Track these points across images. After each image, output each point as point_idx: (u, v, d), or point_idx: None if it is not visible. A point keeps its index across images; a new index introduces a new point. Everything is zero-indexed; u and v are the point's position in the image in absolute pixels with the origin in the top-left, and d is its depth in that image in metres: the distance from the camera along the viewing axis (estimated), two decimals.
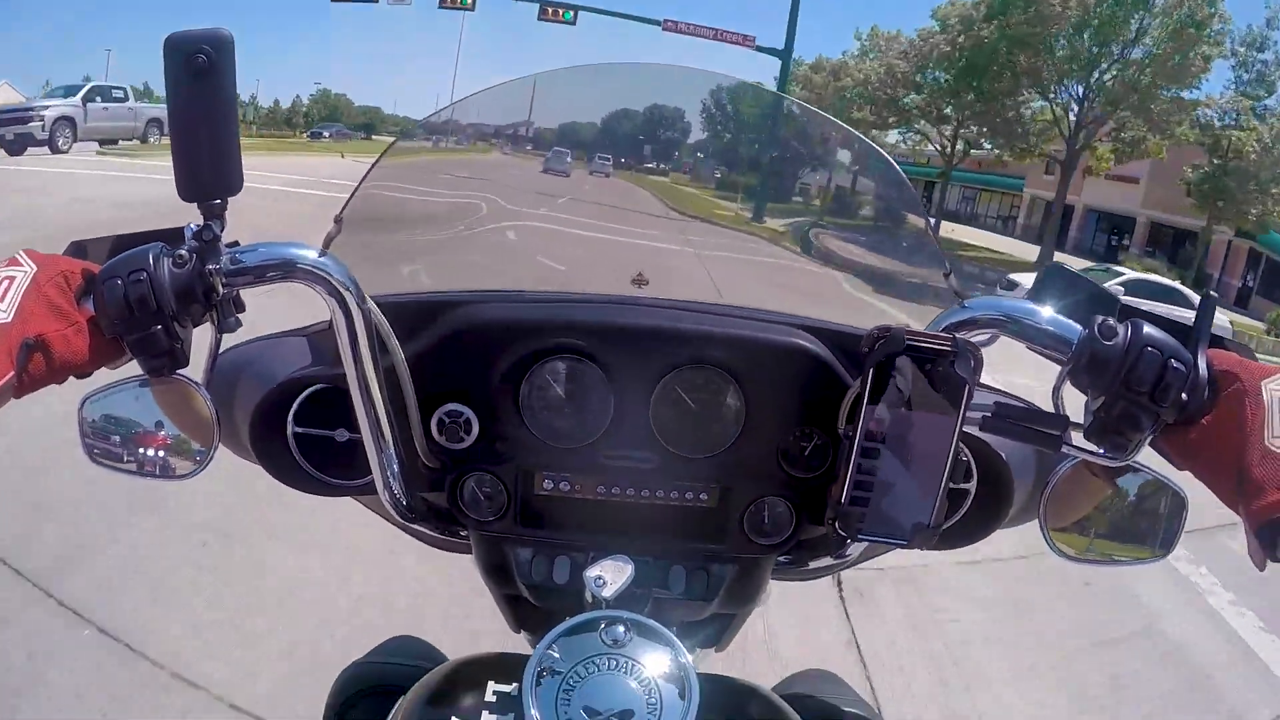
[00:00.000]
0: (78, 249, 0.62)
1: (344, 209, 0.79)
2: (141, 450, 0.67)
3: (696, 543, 0.75)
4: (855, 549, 0.76)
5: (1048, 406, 0.63)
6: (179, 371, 0.59)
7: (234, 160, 0.56)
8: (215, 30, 0.54)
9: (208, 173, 0.55)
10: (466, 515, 0.74)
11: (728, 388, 0.72)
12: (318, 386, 0.73)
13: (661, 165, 1.12)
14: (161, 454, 0.67)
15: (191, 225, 0.58)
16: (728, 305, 0.79)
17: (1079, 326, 0.60)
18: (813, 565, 0.81)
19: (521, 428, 0.72)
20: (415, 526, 0.77)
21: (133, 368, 0.61)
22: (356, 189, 0.79)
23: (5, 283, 0.54)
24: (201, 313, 0.58)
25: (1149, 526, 0.73)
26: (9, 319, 0.53)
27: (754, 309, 0.78)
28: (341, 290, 0.61)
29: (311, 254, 0.60)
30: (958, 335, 0.59)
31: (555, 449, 0.73)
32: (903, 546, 0.61)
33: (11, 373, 0.52)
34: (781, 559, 0.80)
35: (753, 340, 0.72)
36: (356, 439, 0.70)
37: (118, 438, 0.68)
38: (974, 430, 0.61)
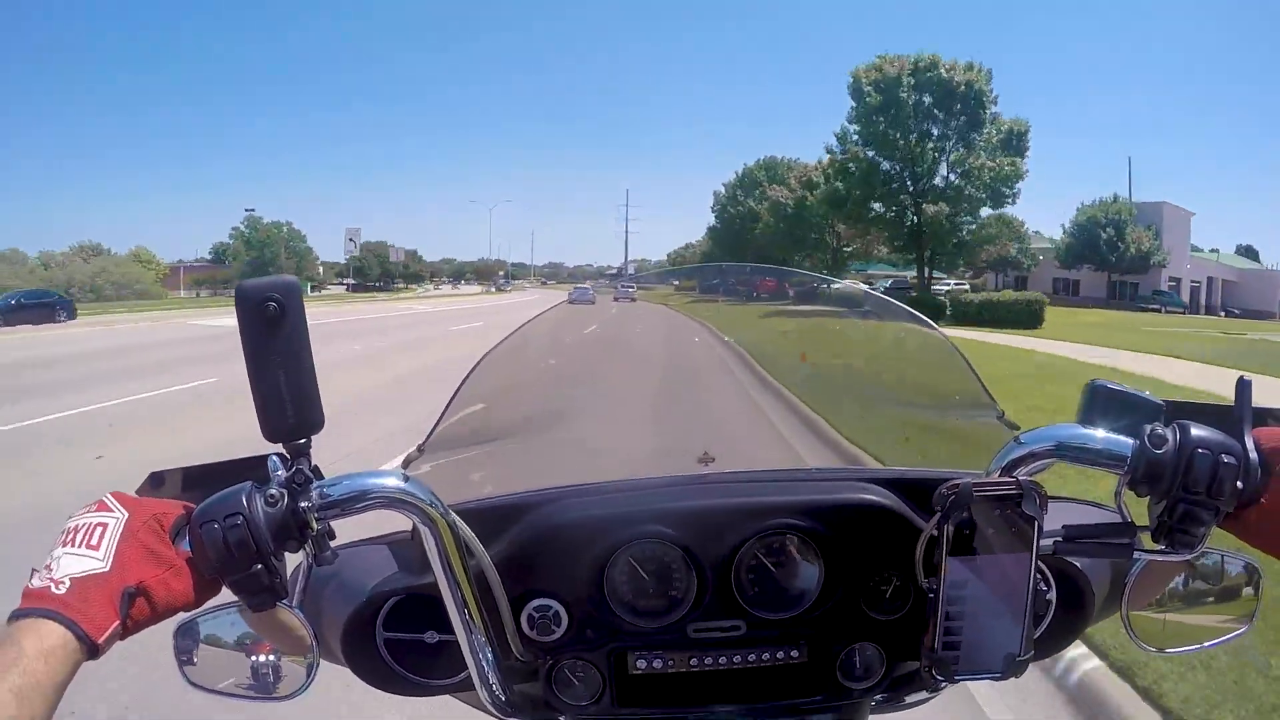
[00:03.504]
0: (156, 480, 0.64)
1: (428, 438, 0.82)
2: (241, 672, 0.68)
3: (794, 699, 0.76)
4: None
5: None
6: None
7: (313, 400, 0.58)
8: (283, 278, 0.57)
9: (291, 414, 0.58)
10: (563, 702, 0.75)
11: (806, 548, 0.74)
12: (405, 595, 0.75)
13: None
14: (261, 675, 0.68)
15: (273, 458, 0.60)
16: (794, 470, 0.81)
17: (1129, 440, 0.62)
18: (909, 700, 0.81)
19: (610, 613, 0.73)
20: (514, 719, 0.77)
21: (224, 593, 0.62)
22: (439, 421, 0.83)
23: (99, 530, 0.55)
24: (297, 547, 0.59)
25: (1228, 601, 0.74)
26: (107, 568, 0.54)
27: (822, 468, 0.80)
28: (428, 511, 0.63)
29: (395, 481, 0.62)
30: (1020, 474, 0.61)
31: (644, 629, 0.74)
32: (997, 679, 0.62)
33: (117, 622, 0.53)
34: (879, 697, 0.80)
35: (825, 503, 0.74)
36: (446, 639, 0.71)
37: (215, 662, 0.68)
38: (1048, 555, 0.62)
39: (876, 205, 32.01)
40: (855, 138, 31.77)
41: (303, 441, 0.59)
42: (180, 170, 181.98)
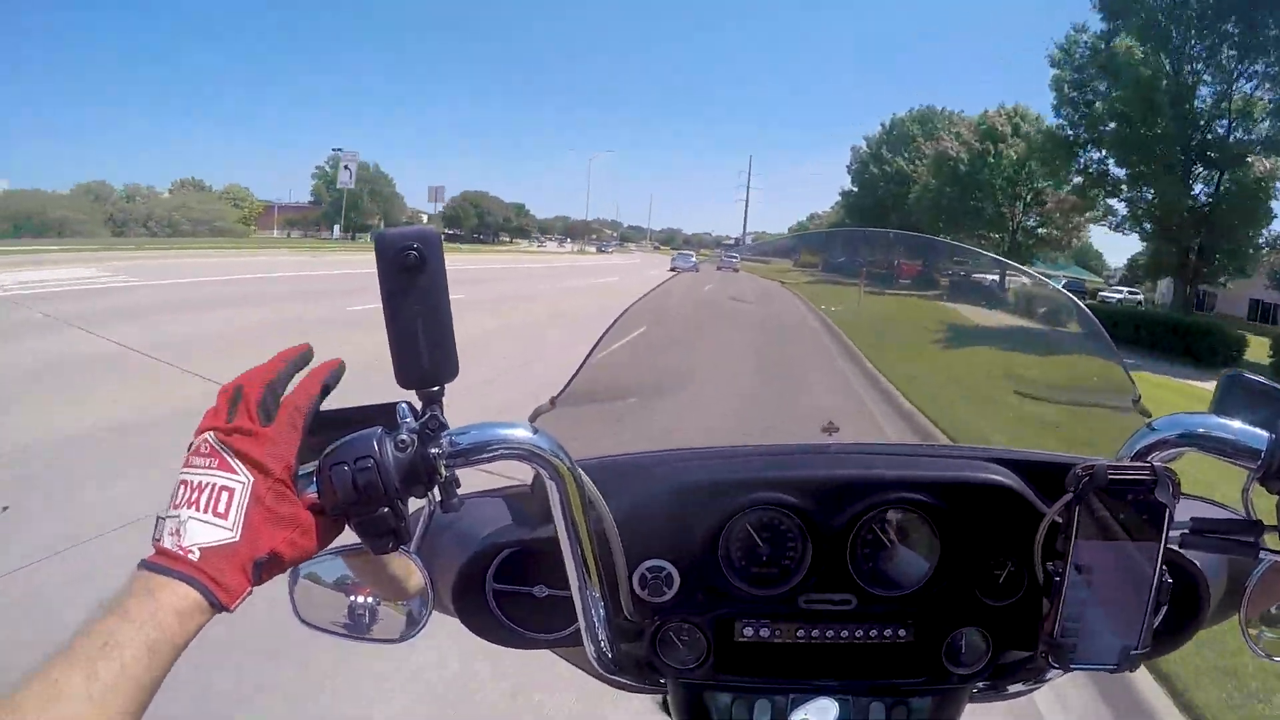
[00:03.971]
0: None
1: (562, 392, 0.82)
2: (354, 614, 0.71)
3: (896, 678, 0.75)
4: (1056, 672, 0.74)
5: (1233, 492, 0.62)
6: None
7: (449, 349, 0.58)
8: (424, 229, 0.57)
9: (426, 362, 0.57)
10: (666, 664, 0.76)
11: (924, 527, 0.73)
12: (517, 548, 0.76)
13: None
14: (374, 617, 0.71)
15: (404, 405, 0.60)
16: (919, 444, 0.79)
17: (1265, 433, 0.59)
18: (1010, 689, 0.80)
19: (722, 579, 0.73)
20: (615, 677, 0.78)
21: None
22: (574, 376, 0.83)
23: (224, 495, 0.54)
24: (424, 493, 0.60)
25: None
26: (238, 538, 0.53)
27: (946, 445, 0.78)
28: (555, 463, 0.64)
29: (525, 433, 0.63)
30: (1153, 461, 0.59)
31: (754, 597, 0.74)
32: (1112, 671, 0.61)
33: (249, 588, 0.55)
34: (979, 685, 0.79)
35: (947, 480, 0.72)
36: (555, 594, 0.73)
37: (330, 602, 0.71)
38: (1174, 548, 0.60)
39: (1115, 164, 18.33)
40: (1097, 45, 18.17)
41: (436, 389, 0.59)
42: (292, 114, 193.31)
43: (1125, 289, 37.63)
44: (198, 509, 0.54)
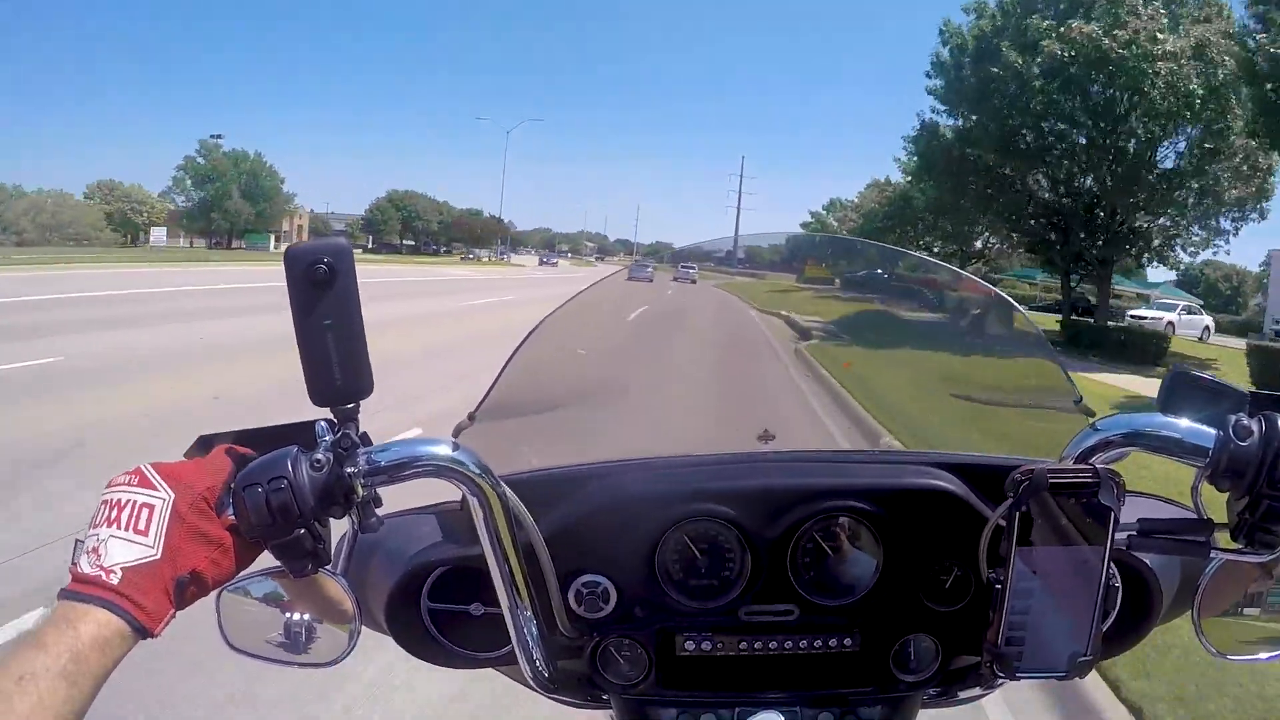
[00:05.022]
0: (204, 444, 0.63)
1: (480, 406, 0.80)
2: (282, 638, 0.68)
3: (844, 688, 0.74)
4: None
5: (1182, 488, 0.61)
6: None
7: (363, 364, 0.57)
8: (334, 241, 0.56)
9: (339, 378, 0.56)
10: (607, 680, 0.74)
11: (865, 534, 0.72)
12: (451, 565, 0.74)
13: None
14: (302, 641, 0.68)
15: (322, 423, 0.59)
16: (857, 451, 0.79)
17: (1212, 430, 0.58)
18: (962, 695, 0.78)
19: (660, 592, 0.72)
20: (555, 696, 0.76)
21: (268, 557, 0.61)
22: (490, 389, 0.81)
23: (145, 512, 0.53)
24: (342, 513, 0.58)
25: None
26: (159, 555, 0.52)
27: (885, 451, 0.77)
28: (477, 481, 0.62)
29: (445, 449, 0.61)
30: (1096, 462, 0.58)
31: (695, 610, 0.72)
32: (1061, 679, 0.59)
33: (172, 610, 0.53)
34: (930, 692, 0.78)
35: (888, 486, 0.72)
36: (492, 612, 0.71)
37: (258, 628, 0.68)
38: (1121, 549, 0.59)
39: None
40: None
41: (350, 406, 0.58)
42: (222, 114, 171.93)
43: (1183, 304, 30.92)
44: (118, 526, 0.53)
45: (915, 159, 24.81)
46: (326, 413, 0.59)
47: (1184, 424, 0.60)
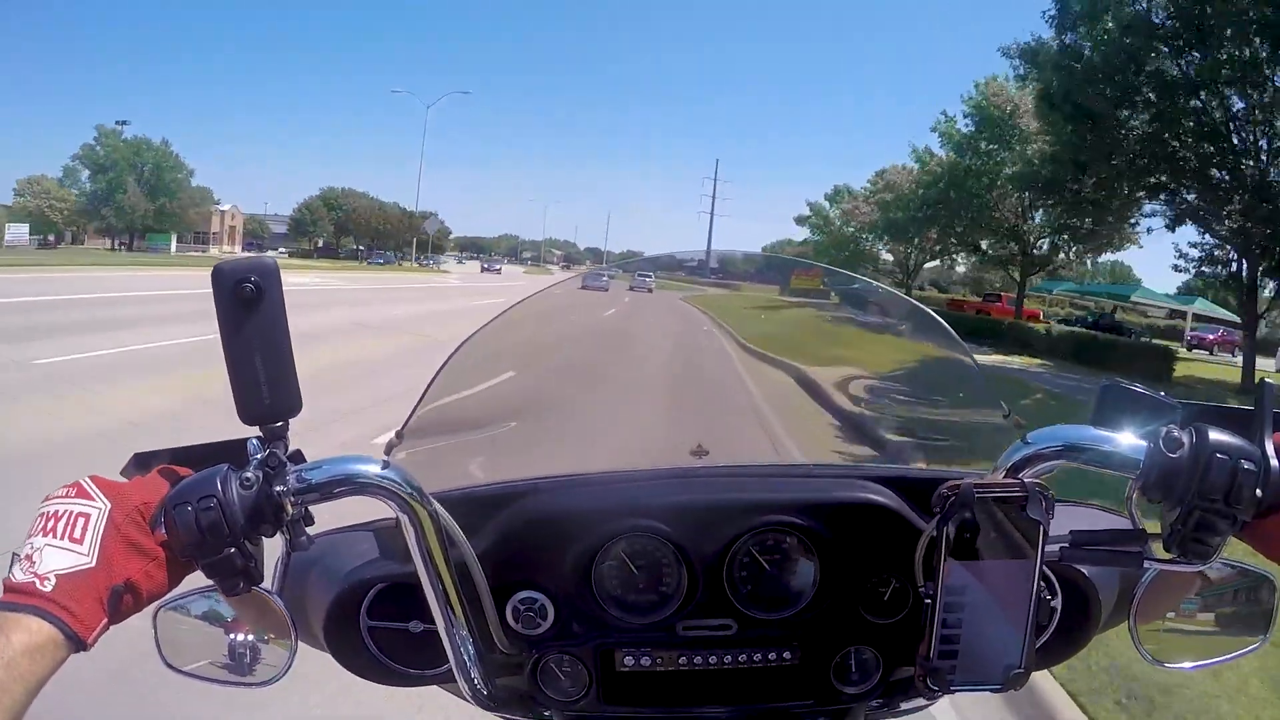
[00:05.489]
0: (140, 461, 0.63)
1: (406, 424, 0.80)
2: (220, 657, 0.68)
3: (786, 702, 0.74)
4: None
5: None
6: None
7: (291, 382, 0.57)
8: (260, 259, 0.56)
9: (267, 397, 0.57)
10: (548, 697, 0.74)
11: (801, 547, 0.72)
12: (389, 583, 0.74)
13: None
14: (240, 659, 0.67)
15: (253, 441, 0.59)
16: (790, 465, 0.79)
17: (1143, 443, 0.59)
18: (905, 706, 0.79)
19: (597, 608, 0.72)
20: (497, 713, 0.76)
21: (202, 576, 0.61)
22: (417, 406, 0.81)
23: (81, 521, 0.54)
24: (272, 532, 0.58)
25: (1241, 614, 0.72)
26: (93, 563, 0.53)
27: (817, 464, 0.78)
28: (408, 499, 0.62)
29: (375, 468, 0.61)
30: (1024, 476, 0.58)
31: (633, 625, 0.72)
32: (996, 691, 0.60)
33: (105, 619, 0.53)
34: (874, 703, 0.78)
35: (822, 500, 0.72)
36: (431, 629, 0.70)
37: (195, 646, 0.68)
38: (1054, 560, 0.60)
39: None
40: None
41: (279, 425, 0.58)
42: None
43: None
44: (53, 536, 0.53)
45: (1031, 83, 17.19)
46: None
47: (1115, 436, 0.60)
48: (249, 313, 0.55)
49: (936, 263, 41.88)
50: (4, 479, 3.86)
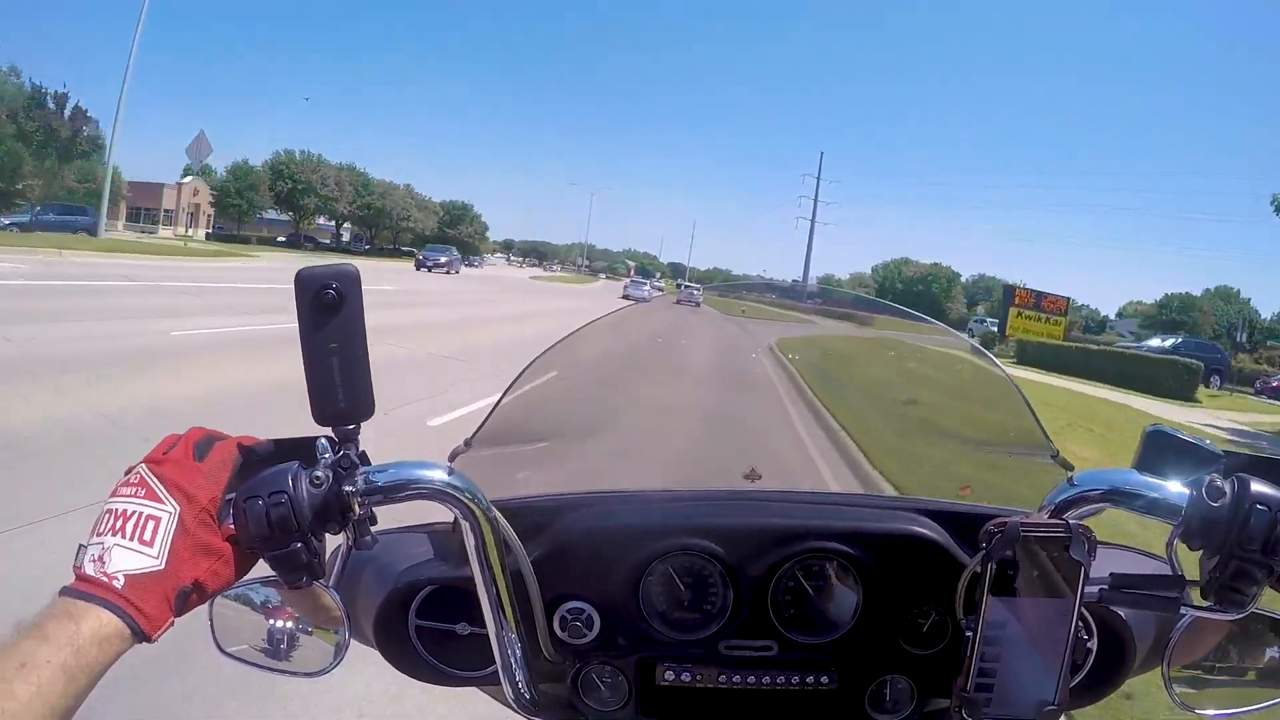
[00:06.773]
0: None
1: (476, 433, 0.82)
2: (273, 646, 0.70)
3: None
4: None
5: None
6: None
7: (365, 386, 0.59)
8: (343, 266, 0.59)
9: (342, 399, 0.59)
10: (588, 705, 0.75)
11: (845, 575, 0.74)
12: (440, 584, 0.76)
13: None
14: (292, 649, 0.70)
15: (323, 440, 0.61)
16: (841, 494, 0.81)
17: (1186, 490, 0.60)
18: None
19: (643, 622, 0.74)
20: (537, 718, 0.77)
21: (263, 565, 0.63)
22: (491, 413, 0.83)
23: (151, 525, 0.55)
24: (338, 530, 0.60)
25: (1274, 664, 0.71)
26: (163, 566, 0.54)
27: (869, 495, 0.79)
28: (470, 505, 0.64)
29: (440, 474, 0.63)
30: (1069, 517, 0.60)
31: (676, 641, 0.74)
32: None
33: (172, 618, 0.55)
34: None
35: (870, 530, 0.74)
36: (478, 632, 0.72)
37: (249, 633, 0.70)
38: (1092, 601, 0.61)
39: None
40: None
41: (352, 427, 0.60)
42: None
43: None
44: (123, 536, 0.55)
45: None
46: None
47: (1158, 483, 0.61)
48: (329, 317, 0.58)
49: None
50: None
